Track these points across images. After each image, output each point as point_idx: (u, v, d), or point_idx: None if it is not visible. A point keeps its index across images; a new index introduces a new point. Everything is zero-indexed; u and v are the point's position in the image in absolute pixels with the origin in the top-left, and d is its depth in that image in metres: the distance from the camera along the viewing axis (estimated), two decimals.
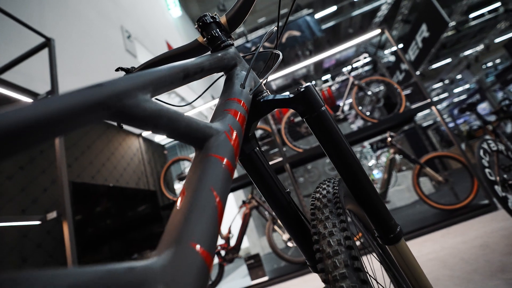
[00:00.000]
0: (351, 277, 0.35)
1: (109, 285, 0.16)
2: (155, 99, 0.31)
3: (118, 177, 2.95)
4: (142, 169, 3.41)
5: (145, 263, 0.18)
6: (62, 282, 0.14)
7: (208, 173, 0.25)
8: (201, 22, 0.46)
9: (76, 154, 2.50)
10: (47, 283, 0.14)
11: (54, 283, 0.14)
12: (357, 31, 12.92)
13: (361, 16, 12.00)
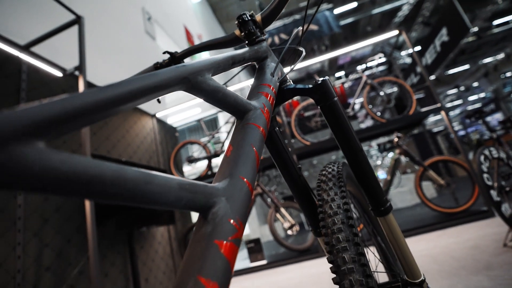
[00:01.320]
0: (346, 231, 0.45)
1: (196, 190, 0.26)
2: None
3: (132, 153, 3.09)
4: (154, 149, 3.55)
5: (212, 185, 0.29)
6: (167, 182, 0.24)
7: (249, 135, 0.35)
8: (241, 19, 0.55)
9: (94, 129, 2.64)
10: (162, 182, 0.24)
11: (165, 185, 0.24)
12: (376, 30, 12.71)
13: (381, 15, 11.78)
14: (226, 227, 0.25)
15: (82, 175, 0.18)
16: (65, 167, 0.17)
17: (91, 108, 0.20)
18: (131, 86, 0.25)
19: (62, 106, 0.18)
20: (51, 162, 0.17)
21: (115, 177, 0.20)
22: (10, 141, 0.15)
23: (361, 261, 0.41)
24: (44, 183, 0.17)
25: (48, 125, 0.18)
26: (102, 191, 0.19)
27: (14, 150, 0.16)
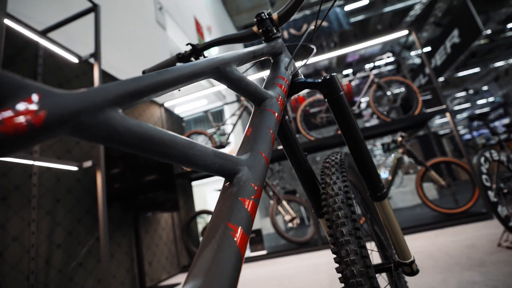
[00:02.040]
0: (345, 209, 0.51)
1: (226, 158, 0.32)
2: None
3: None
4: None
5: (237, 156, 0.35)
6: (205, 150, 0.30)
7: (266, 119, 0.41)
8: (259, 17, 0.61)
9: None
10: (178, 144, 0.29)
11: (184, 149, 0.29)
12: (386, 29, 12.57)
13: (392, 14, 11.64)
14: (248, 188, 0.31)
15: (150, 137, 0.24)
16: (138, 130, 0.24)
17: (153, 87, 0.26)
18: (180, 72, 0.31)
19: (135, 84, 0.24)
20: (129, 125, 0.23)
21: (170, 141, 0.26)
22: (105, 107, 0.22)
23: (357, 234, 0.47)
24: (124, 140, 0.23)
25: (126, 97, 0.24)
26: (161, 151, 0.25)
27: (108, 114, 0.22)
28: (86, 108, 0.20)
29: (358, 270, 0.44)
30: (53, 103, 0.18)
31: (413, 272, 0.64)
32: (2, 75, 0.17)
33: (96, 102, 0.21)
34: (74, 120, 0.20)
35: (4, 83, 0.17)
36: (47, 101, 0.18)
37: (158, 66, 0.70)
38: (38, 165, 1.91)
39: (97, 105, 0.21)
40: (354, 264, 0.44)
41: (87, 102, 0.20)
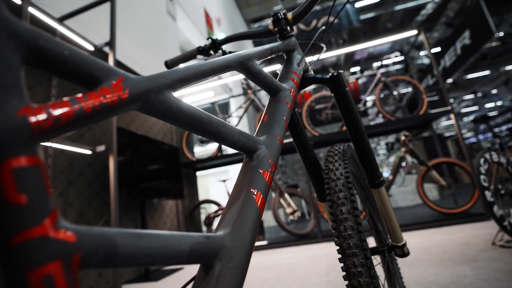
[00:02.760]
0: (345, 191, 0.57)
1: (248, 138, 0.39)
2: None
3: (147, 129, 3.25)
4: (168, 127, 3.71)
5: (257, 137, 0.41)
6: (233, 129, 0.37)
7: (280, 107, 0.48)
8: (276, 17, 0.66)
9: None
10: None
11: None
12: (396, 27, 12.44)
13: (404, 12, 11.50)
14: (266, 163, 0.37)
15: (193, 115, 0.31)
16: (186, 109, 0.30)
17: (196, 75, 0.33)
18: (215, 64, 0.37)
19: (184, 72, 0.31)
20: (179, 104, 0.30)
21: (208, 119, 0.32)
22: (164, 90, 0.28)
23: (354, 213, 0.53)
24: (175, 116, 0.29)
25: (177, 82, 0.30)
26: (201, 127, 0.32)
27: (165, 94, 0.28)
28: (152, 89, 0.27)
29: (354, 243, 0.50)
30: (133, 84, 0.25)
31: (404, 254, 0.71)
32: (101, 63, 0.23)
33: (158, 85, 0.27)
34: (144, 98, 0.26)
35: (102, 69, 0.23)
36: (128, 83, 0.25)
37: (181, 57, 0.77)
38: (54, 147, 2.00)
39: (159, 87, 0.27)
40: (350, 238, 0.51)
41: (152, 85, 0.27)
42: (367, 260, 0.49)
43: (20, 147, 0.17)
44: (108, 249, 0.20)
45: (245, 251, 0.29)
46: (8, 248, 0.16)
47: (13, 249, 0.16)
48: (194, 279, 0.29)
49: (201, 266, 0.28)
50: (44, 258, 0.17)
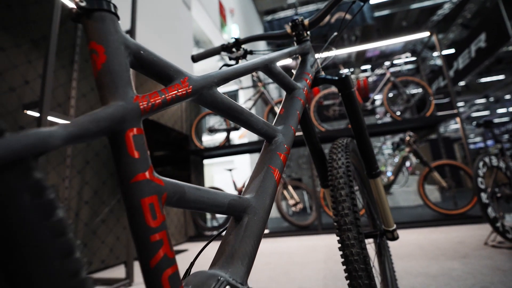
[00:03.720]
0: (345, 178, 0.67)
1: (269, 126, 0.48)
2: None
3: (159, 116, 3.37)
4: (179, 114, 3.82)
5: (276, 126, 0.51)
6: (257, 118, 0.46)
7: (294, 103, 0.57)
8: (294, 23, 0.75)
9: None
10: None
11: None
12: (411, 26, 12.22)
13: (420, 11, 11.27)
14: (282, 147, 0.47)
15: (231, 106, 0.40)
16: (226, 101, 0.40)
17: (233, 75, 0.42)
18: (247, 65, 0.47)
19: (226, 72, 0.40)
20: (222, 97, 0.39)
21: (241, 110, 0.42)
22: (212, 86, 0.38)
23: (351, 196, 0.63)
24: (219, 107, 0.39)
25: (221, 80, 0.40)
26: (236, 116, 0.41)
27: (213, 89, 0.38)
28: (205, 86, 0.36)
29: (349, 220, 0.60)
30: (194, 82, 0.35)
31: (393, 238, 0.80)
32: (174, 66, 0.33)
33: (209, 83, 0.37)
34: (200, 92, 0.36)
35: (174, 70, 0.33)
36: (191, 81, 0.34)
37: (206, 53, 0.86)
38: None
39: (210, 84, 0.37)
40: (347, 216, 0.61)
41: (206, 82, 0.36)
42: (359, 235, 0.59)
43: (135, 122, 0.27)
44: (181, 194, 0.30)
45: (265, 209, 0.39)
46: (129, 184, 0.26)
47: (131, 186, 0.26)
48: (226, 229, 0.39)
49: (233, 218, 0.38)
50: (148, 192, 0.27)
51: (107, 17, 0.28)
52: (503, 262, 1.48)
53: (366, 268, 0.57)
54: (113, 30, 0.28)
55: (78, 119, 0.24)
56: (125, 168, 0.26)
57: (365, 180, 0.92)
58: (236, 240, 0.35)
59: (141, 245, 0.26)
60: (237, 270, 0.33)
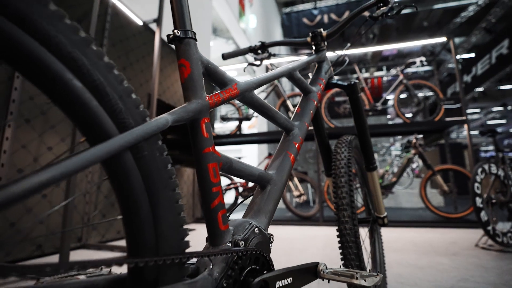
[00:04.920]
0: (346, 167, 0.80)
1: (288, 121, 0.62)
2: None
3: (176, 100, 3.53)
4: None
5: (292, 121, 0.65)
6: (280, 114, 0.60)
7: (309, 105, 0.70)
8: (313, 34, 0.86)
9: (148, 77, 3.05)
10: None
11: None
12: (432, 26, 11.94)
13: (443, 11, 11.00)
14: (297, 138, 0.61)
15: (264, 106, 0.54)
16: (261, 101, 0.54)
17: (266, 80, 0.56)
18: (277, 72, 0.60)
19: (262, 78, 0.54)
20: (257, 98, 0.53)
21: (269, 108, 0.56)
22: (252, 89, 0.52)
23: (349, 183, 0.76)
24: (255, 106, 0.53)
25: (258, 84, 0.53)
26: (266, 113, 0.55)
27: (252, 92, 0.52)
28: (247, 89, 0.50)
29: (346, 202, 0.74)
30: (240, 86, 0.48)
31: (384, 224, 0.94)
32: (228, 74, 0.47)
33: (250, 87, 0.50)
34: (243, 94, 0.50)
35: (229, 79, 0.47)
36: (239, 85, 0.48)
37: (235, 52, 0.99)
38: None
39: (250, 88, 0.50)
40: (344, 198, 0.74)
41: (248, 87, 0.50)
42: (353, 214, 0.73)
43: (206, 113, 0.41)
44: (230, 164, 0.44)
45: (282, 182, 0.53)
46: (201, 154, 0.41)
47: (202, 155, 0.41)
48: (253, 194, 0.53)
49: (259, 187, 0.52)
50: (212, 160, 0.41)
51: (192, 43, 0.41)
52: (488, 261, 1.61)
53: (356, 240, 0.72)
54: (195, 51, 0.41)
55: (176, 110, 0.38)
56: (199, 143, 0.40)
57: (364, 172, 1.05)
58: (261, 201, 0.50)
59: (205, 194, 0.40)
60: (262, 220, 0.47)
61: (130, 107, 0.31)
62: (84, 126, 0.29)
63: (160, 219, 0.33)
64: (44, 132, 1.95)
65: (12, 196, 0.20)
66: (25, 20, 0.24)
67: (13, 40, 0.24)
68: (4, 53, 0.24)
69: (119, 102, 0.30)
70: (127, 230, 0.32)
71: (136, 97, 0.32)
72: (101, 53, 0.30)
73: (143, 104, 2.41)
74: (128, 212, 0.32)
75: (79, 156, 0.25)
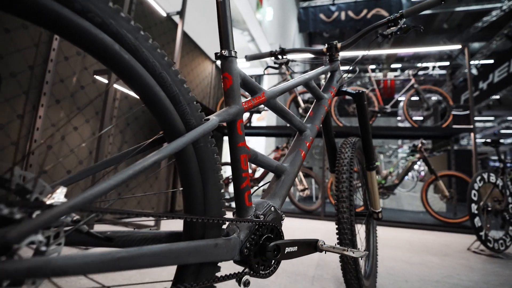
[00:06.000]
0: (348, 165, 0.92)
1: (301, 123, 0.74)
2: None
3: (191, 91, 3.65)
4: (208, 91, 4.09)
5: (305, 123, 0.77)
6: (296, 118, 0.72)
7: (320, 110, 0.81)
8: (329, 45, 0.97)
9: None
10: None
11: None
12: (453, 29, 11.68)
13: (464, 14, 10.74)
14: (308, 138, 0.73)
15: (284, 110, 0.66)
16: (282, 107, 0.65)
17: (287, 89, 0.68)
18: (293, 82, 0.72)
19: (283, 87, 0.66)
20: (279, 104, 0.65)
21: (288, 112, 0.67)
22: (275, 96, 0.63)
23: (350, 179, 0.88)
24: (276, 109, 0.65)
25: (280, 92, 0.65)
26: (285, 117, 0.67)
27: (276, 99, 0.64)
28: (272, 96, 0.62)
29: (346, 195, 0.86)
30: (266, 94, 0.60)
31: (378, 218, 1.06)
32: (258, 85, 0.59)
33: (274, 94, 0.62)
34: (268, 100, 0.62)
35: (258, 87, 0.59)
36: (266, 94, 0.60)
37: (257, 55, 1.10)
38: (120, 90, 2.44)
39: (274, 95, 0.62)
40: (344, 192, 0.87)
41: (272, 94, 0.62)
42: (351, 206, 0.85)
43: (241, 116, 0.54)
44: (256, 156, 0.57)
45: (294, 173, 0.66)
46: (236, 147, 0.53)
47: (237, 148, 0.53)
48: (270, 182, 0.66)
49: (275, 175, 0.65)
50: (243, 152, 0.53)
51: (234, 60, 0.53)
52: (476, 264, 1.72)
53: (351, 228, 0.84)
54: (235, 66, 0.53)
55: (221, 113, 0.50)
56: (235, 139, 0.53)
57: (365, 171, 1.17)
58: (276, 187, 0.62)
59: (237, 178, 0.53)
60: (276, 202, 0.60)
61: (194, 111, 0.44)
62: (164, 124, 0.42)
63: (208, 192, 0.45)
64: (72, 112, 2.10)
65: (122, 179, 0.32)
66: (138, 52, 0.37)
67: (130, 66, 0.36)
68: (123, 74, 0.37)
69: (187, 108, 0.43)
70: (185, 199, 0.45)
71: (196, 103, 0.45)
72: (177, 72, 0.42)
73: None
74: (187, 186, 0.45)
75: (165, 149, 0.38)
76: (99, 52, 0.34)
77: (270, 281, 1.18)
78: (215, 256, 0.43)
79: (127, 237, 0.42)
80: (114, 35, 0.35)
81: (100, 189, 0.29)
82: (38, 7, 0.28)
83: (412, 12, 0.88)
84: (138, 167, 0.33)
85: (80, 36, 0.32)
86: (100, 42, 0.34)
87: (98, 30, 0.33)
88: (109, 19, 0.34)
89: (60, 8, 0.30)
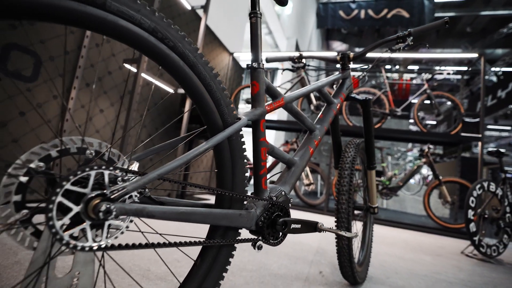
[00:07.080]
0: (350, 163, 1.04)
1: (311, 123, 0.86)
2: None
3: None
4: (224, 83, 4.22)
5: (315, 124, 0.89)
6: (307, 119, 0.85)
7: (330, 113, 0.93)
8: (342, 55, 1.07)
9: None
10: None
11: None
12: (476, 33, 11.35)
13: (490, 19, 10.41)
14: (317, 137, 0.85)
15: (299, 113, 0.79)
16: (297, 109, 0.78)
17: (301, 95, 0.80)
18: (308, 88, 0.84)
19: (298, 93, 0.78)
20: (295, 108, 0.77)
21: (302, 114, 0.80)
22: (292, 101, 0.76)
23: (351, 175, 1.01)
24: (293, 113, 0.78)
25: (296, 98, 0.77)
26: (296, 116, 0.80)
27: (292, 103, 0.76)
28: (289, 101, 0.74)
29: (346, 189, 0.99)
30: (285, 99, 0.73)
31: (374, 213, 1.18)
32: (278, 90, 0.72)
33: (291, 99, 0.74)
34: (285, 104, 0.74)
35: (278, 93, 0.72)
36: (284, 98, 0.73)
37: (277, 58, 1.21)
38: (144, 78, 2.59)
39: (292, 100, 0.74)
40: (344, 186, 0.99)
41: (290, 99, 0.74)
42: (350, 199, 0.98)
43: (264, 116, 0.66)
44: (272, 149, 0.70)
45: (303, 166, 0.79)
46: (258, 141, 0.67)
47: (259, 142, 0.66)
48: (281, 172, 0.79)
49: (286, 167, 0.78)
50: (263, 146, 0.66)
51: (262, 71, 0.65)
52: (466, 265, 1.83)
53: (348, 218, 0.97)
54: (262, 76, 0.66)
55: (248, 113, 0.63)
56: (258, 134, 0.65)
57: (366, 170, 1.29)
58: (287, 176, 0.76)
59: (257, 166, 0.66)
60: (286, 188, 0.73)
61: (230, 112, 0.57)
62: (208, 121, 0.55)
63: (236, 175, 0.59)
64: (99, 96, 2.27)
65: (172, 168, 0.46)
66: (195, 67, 0.50)
67: (189, 77, 0.49)
68: (184, 83, 0.50)
69: (226, 109, 0.56)
70: (219, 180, 0.59)
71: (232, 106, 0.58)
72: (221, 81, 0.55)
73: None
74: (220, 169, 0.58)
75: (211, 140, 0.51)
76: (170, 66, 0.48)
77: (273, 261, 1.33)
78: (239, 223, 0.57)
79: (174, 203, 0.56)
80: (180, 55, 0.48)
81: (172, 165, 0.43)
82: (139, 42, 0.42)
83: (419, 31, 0.98)
84: (195, 152, 0.47)
85: (159, 55, 0.46)
86: (171, 60, 0.47)
87: (170, 51, 0.47)
88: (178, 43, 0.47)
89: (149, 36, 0.43)
